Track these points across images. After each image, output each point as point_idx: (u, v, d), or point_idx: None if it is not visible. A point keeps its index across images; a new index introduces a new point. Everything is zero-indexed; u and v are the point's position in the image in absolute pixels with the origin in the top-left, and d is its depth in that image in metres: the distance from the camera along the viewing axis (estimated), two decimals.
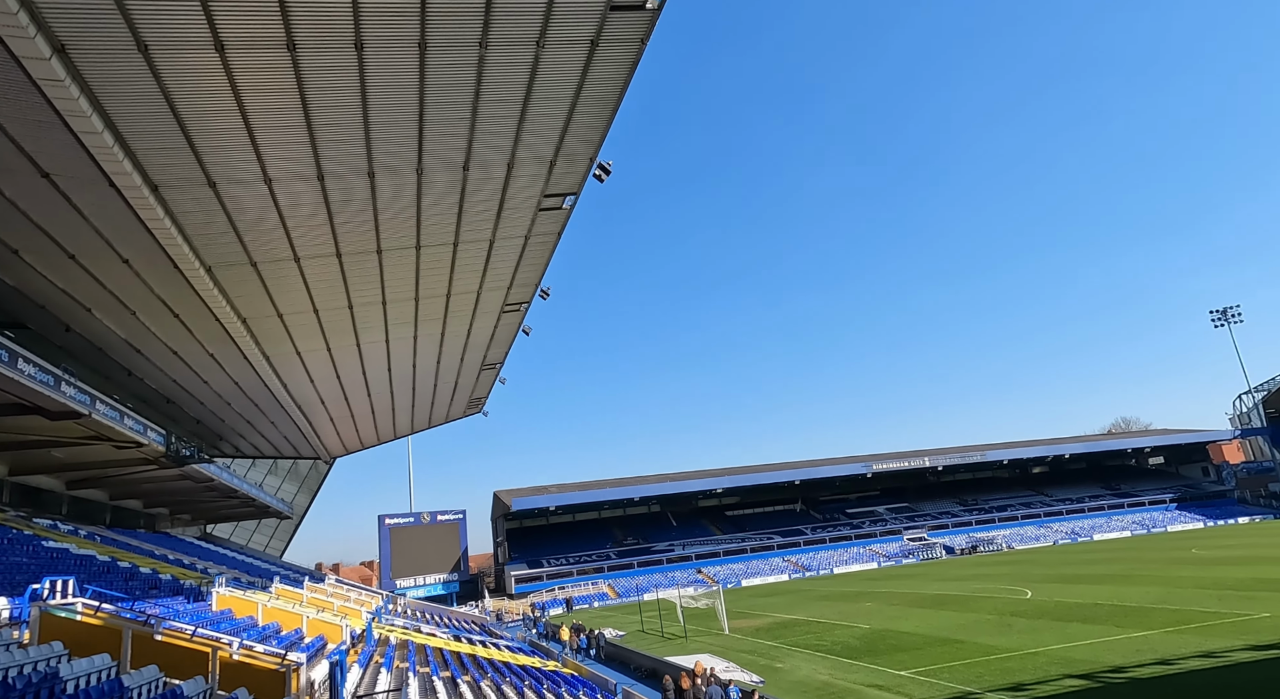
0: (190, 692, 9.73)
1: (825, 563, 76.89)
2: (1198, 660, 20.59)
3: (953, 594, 42.45)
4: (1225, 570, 38.93)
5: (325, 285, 23.59)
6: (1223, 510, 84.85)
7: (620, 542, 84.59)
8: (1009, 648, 25.33)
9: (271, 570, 36.97)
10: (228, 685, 10.75)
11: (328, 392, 35.49)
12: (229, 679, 10.91)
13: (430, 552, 72.99)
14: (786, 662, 27.90)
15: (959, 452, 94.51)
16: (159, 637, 10.79)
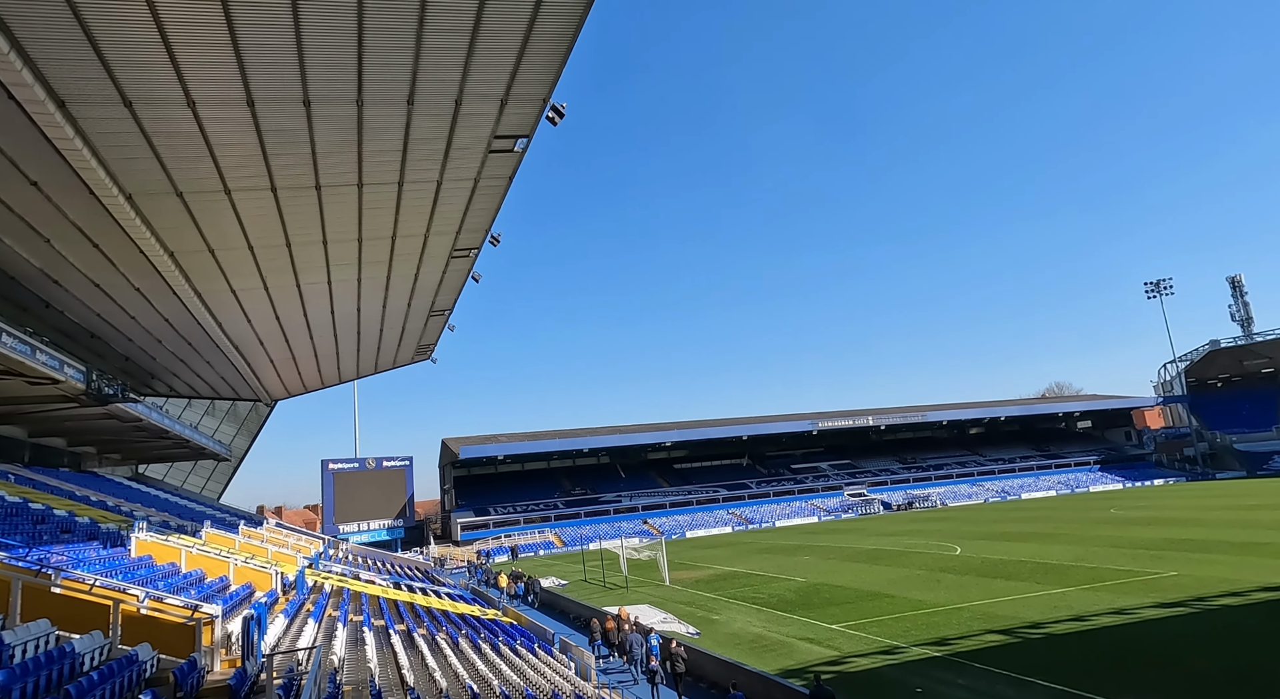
0: (84, 648, 9.20)
1: (768, 516, 78.94)
2: (1109, 617, 21.71)
3: (887, 549, 44.00)
4: (1139, 531, 41.17)
5: (260, 221, 22.32)
6: (1141, 473, 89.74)
7: (568, 492, 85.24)
8: (936, 603, 26.34)
9: (205, 513, 36.00)
10: (130, 640, 10.24)
11: (266, 332, 34.13)
12: (132, 634, 10.39)
13: (375, 497, 72.38)
14: (723, 614, 28.55)
15: (901, 412, 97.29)
16: (57, 589, 10.15)
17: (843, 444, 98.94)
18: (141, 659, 9.60)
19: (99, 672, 8.42)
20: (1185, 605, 22.22)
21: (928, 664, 18.91)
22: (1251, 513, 44.85)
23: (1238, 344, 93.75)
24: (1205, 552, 31.59)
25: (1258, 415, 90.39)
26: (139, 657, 9.56)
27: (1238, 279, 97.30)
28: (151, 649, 10.14)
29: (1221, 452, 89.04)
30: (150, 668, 9.90)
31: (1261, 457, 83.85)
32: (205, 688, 10.00)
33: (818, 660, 20.34)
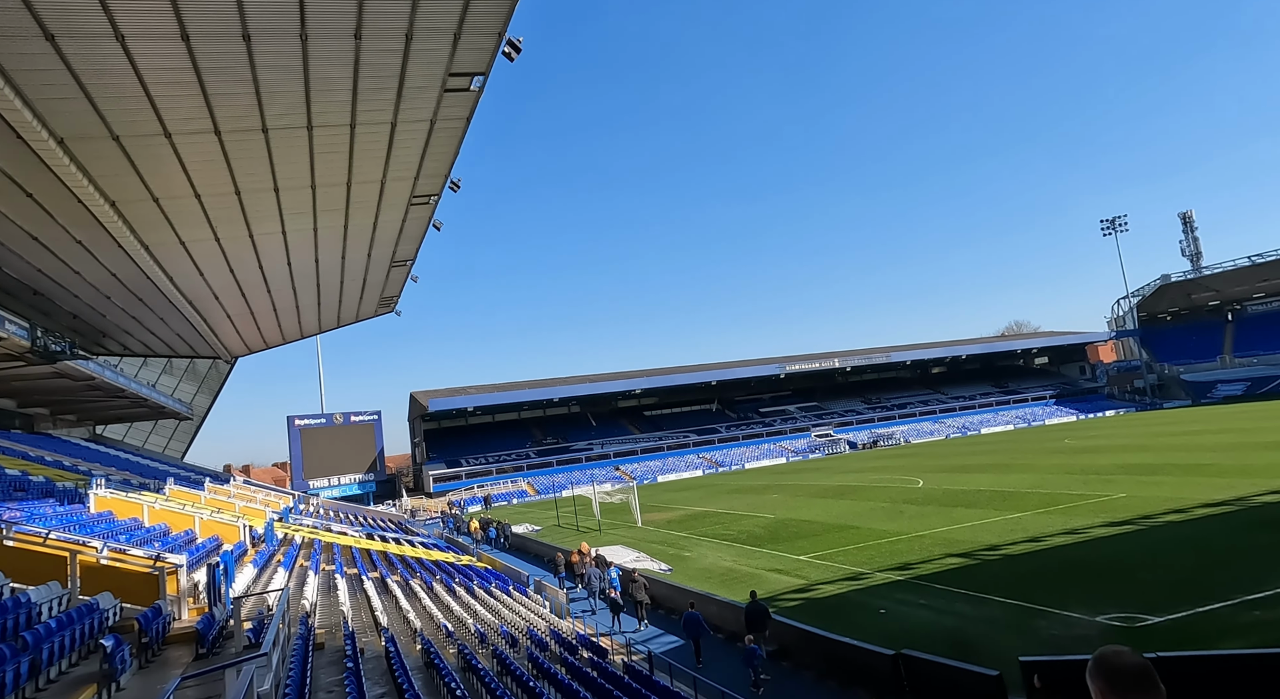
0: (40, 598, 9.03)
1: (738, 459, 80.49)
2: (1062, 537, 22.72)
3: (852, 485, 45.27)
4: (1090, 458, 42.91)
5: (206, 167, 21.35)
6: (1094, 405, 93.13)
7: (540, 441, 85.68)
8: (899, 532, 27.27)
9: (168, 472, 35.42)
10: (91, 591, 10.09)
11: (221, 286, 33.08)
12: (93, 584, 10.22)
13: (344, 452, 71.97)
14: (694, 551, 29.24)
15: (866, 353, 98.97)
16: (9, 542, 9.89)
17: (810, 387, 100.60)
18: (103, 607, 9.48)
19: (57, 620, 8.29)
20: (1132, 524, 23.33)
21: (891, 587, 19.65)
22: (1195, 437, 46.97)
23: (1187, 278, 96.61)
24: (1152, 474, 33.07)
25: (1204, 346, 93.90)
26: (100, 605, 9.43)
27: (1188, 215, 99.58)
28: (114, 598, 10.02)
29: (1169, 382, 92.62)
30: (113, 616, 9.80)
31: (1206, 386, 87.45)
32: (172, 634, 9.95)
33: (786, 589, 21.00)
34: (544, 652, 14.58)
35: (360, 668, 9.91)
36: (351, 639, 11.37)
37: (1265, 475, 28.76)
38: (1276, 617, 13.59)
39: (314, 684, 9.82)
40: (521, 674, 11.29)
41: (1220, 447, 40.44)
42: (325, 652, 11.56)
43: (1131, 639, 13.36)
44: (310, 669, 9.50)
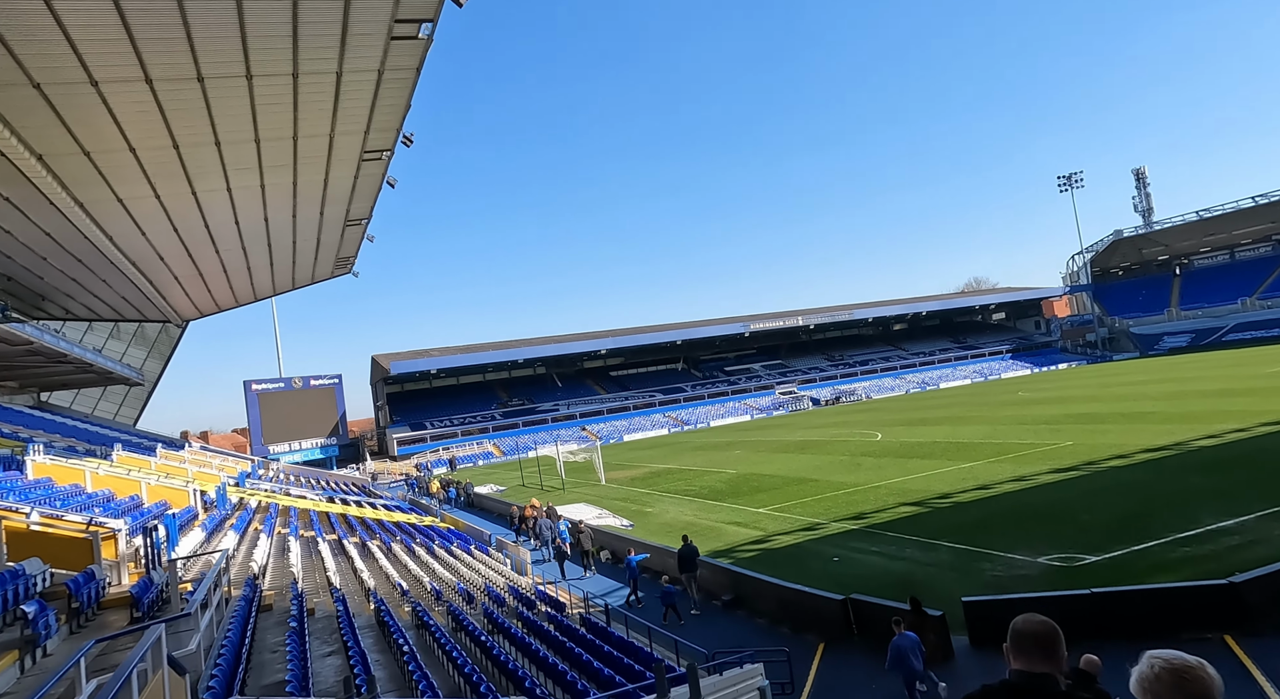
0: None
1: (703, 418, 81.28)
2: (1011, 484, 23.42)
3: (813, 440, 46.06)
4: (1041, 408, 44.22)
5: (139, 119, 20.18)
6: (1047, 359, 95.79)
7: (505, 403, 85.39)
8: (856, 484, 27.85)
9: (116, 438, 34.45)
10: (19, 557, 9.72)
11: (166, 246, 31.77)
12: (21, 550, 9.86)
13: (305, 417, 70.87)
14: (656, 506, 29.55)
15: (829, 311, 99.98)
16: None
17: (774, 345, 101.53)
18: (30, 573, 9.14)
19: None
20: (1077, 470, 24.13)
21: (845, 536, 20.09)
22: (1140, 387, 48.64)
23: (1139, 233, 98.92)
24: (1098, 423, 34.20)
25: (1152, 300, 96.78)
26: (26, 571, 9.09)
27: (1142, 171, 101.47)
28: (42, 564, 9.68)
29: (1119, 335, 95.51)
30: (41, 582, 9.47)
31: (1153, 338, 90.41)
32: (108, 599, 9.68)
33: (744, 541, 21.36)
34: (500, 608, 14.62)
35: (305, 627, 9.79)
36: (299, 599, 11.22)
37: (1204, 421, 29.92)
38: (1204, 552, 14.20)
39: (257, 644, 9.68)
40: (474, 629, 11.28)
41: (1163, 395, 41.94)
42: (273, 613, 11.41)
43: (1070, 578, 13.86)
44: (252, 630, 9.35)
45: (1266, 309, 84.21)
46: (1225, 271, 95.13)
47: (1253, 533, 14.93)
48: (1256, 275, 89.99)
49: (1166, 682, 1.85)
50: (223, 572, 9.90)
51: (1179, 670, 1.86)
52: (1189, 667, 1.87)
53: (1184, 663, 1.88)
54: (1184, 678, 1.84)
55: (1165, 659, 1.91)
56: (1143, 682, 1.90)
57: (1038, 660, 2.19)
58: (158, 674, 4.56)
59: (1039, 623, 2.26)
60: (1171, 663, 1.89)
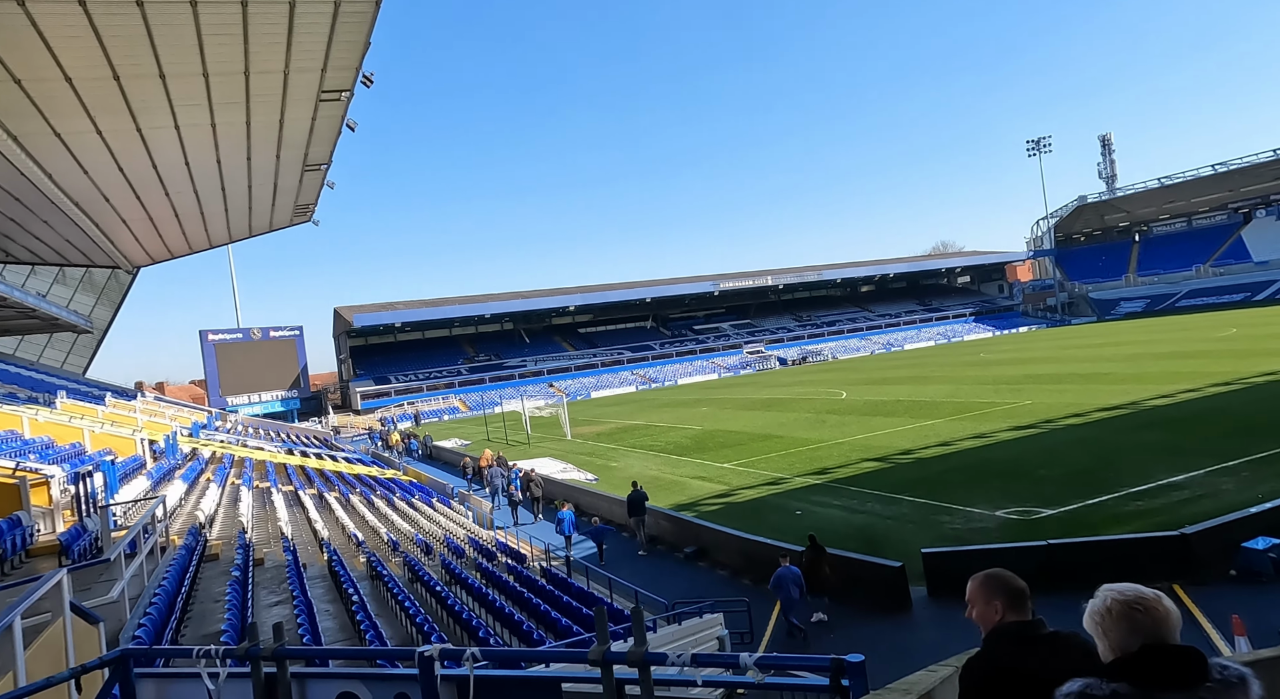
0: None
1: (671, 376, 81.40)
2: (971, 441, 23.75)
3: (779, 398, 46.37)
4: (1002, 369, 45.02)
5: (73, 44, 18.75)
6: (1009, 322, 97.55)
7: (472, 358, 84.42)
8: (820, 440, 28.06)
9: (61, 386, 33.11)
10: None
11: (110, 186, 30.13)
12: None
13: (265, 369, 69.20)
14: (621, 461, 29.50)
15: (798, 271, 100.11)
16: None
17: (743, 305, 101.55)
18: None
19: None
20: (1036, 427, 24.56)
21: (808, 490, 20.22)
22: (1098, 350, 49.77)
23: (1102, 199, 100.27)
24: (1057, 383, 34.88)
25: (1112, 266, 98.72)
26: None
27: (1108, 137, 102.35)
28: None
29: (1078, 300, 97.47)
30: None
31: (1111, 303, 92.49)
32: (35, 547, 9.18)
33: (708, 495, 21.39)
34: (459, 559, 14.39)
35: (251, 576, 9.43)
36: (246, 549, 10.82)
37: (1157, 382, 30.66)
38: (1155, 506, 14.51)
39: (201, 594, 9.30)
40: (430, 580, 11.00)
41: (1119, 357, 42.93)
42: (220, 562, 11.01)
43: (1027, 531, 14.06)
44: (191, 578, 8.95)
45: (1219, 276, 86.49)
46: (1182, 239, 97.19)
47: (1201, 487, 15.30)
48: (1211, 243, 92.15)
49: (1116, 613, 1.76)
50: (159, 519, 9.44)
51: (1130, 602, 1.75)
52: (1142, 597, 1.76)
53: (1137, 594, 1.77)
54: (1134, 609, 1.74)
55: (1118, 591, 1.81)
56: (1093, 614, 1.82)
57: (1025, 611, 2.36)
58: (57, 622, 4.17)
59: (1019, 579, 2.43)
60: (1124, 594, 1.78)
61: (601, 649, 2.34)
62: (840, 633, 11.72)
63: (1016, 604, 2.36)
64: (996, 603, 2.36)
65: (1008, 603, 2.35)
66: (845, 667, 2.08)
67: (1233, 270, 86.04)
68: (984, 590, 2.39)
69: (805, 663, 2.18)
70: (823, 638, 11.65)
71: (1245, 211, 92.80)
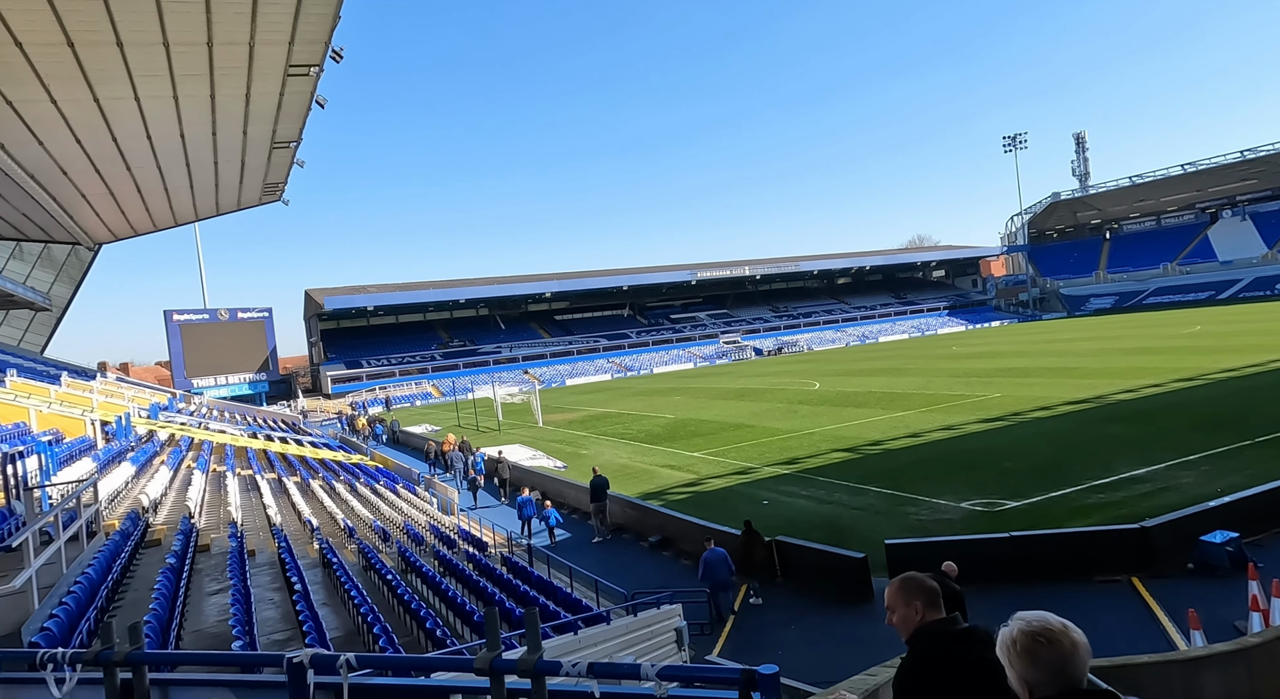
0: None
1: (647, 364, 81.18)
2: (940, 432, 23.82)
3: (753, 388, 46.37)
4: (973, 363, 45.40)
5: (22, 5, 17.86)
6: (982, 316, 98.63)
7: (446, 344, 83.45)
8: (791, 430, 28.01)
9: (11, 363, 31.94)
10: None
11: (68, 159, 28.97)
12: None
13: (232, 350, 67.70)
14: (592, 449, 29.23)
15: (775, 262, 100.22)
16: None
17: (721, 295, 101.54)
18: None
19: None
20: (1003, 420, 24.71)
21: (777, 480, 20.12)
22: (1067, 344, 50.41)
23: (1075, 197, 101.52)
24: (1026, 377, 35.21)
25: (1083, 263, 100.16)
26: None
27: (1082, 135, 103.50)
28: None
29: (1050, 296, 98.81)
30: None
31: (1081, 299, 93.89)
32: None
33: (677, 484, 21.21)
34: (418, 547, 14.04)
35: (191, 563, 9.03)
36: (187, 534, 10.39)
37: (1123, 376, 31.04)
38: (1117, 499, 14.58)
39: (134, 582, 8.87)
40: (383, 569, 10.65)
41: (1087, 352, 43.49)
42: (162, 548, 10.56)
43: (991, 522, 14.05)
44: (123, 566, 8.53)
45: (1185, 274, 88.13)
46: (1151, 237, 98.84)
47: (1163, 481, 15.41)
48: (1179, 242, 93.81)
49: (1020, 646, 1.72)
50: (88, 503, 8.97)
51: (1034, 633, 1.72)
52: (1047, 629, 1.72)
53: (1044, 625, 1.73)
54: (1037, 641, 1.70)
55: (1025, 620, 1.77)
56: (1001, 643, 1.79)
57: (940, 609, 2.46)
58: None
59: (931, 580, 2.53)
60: (1030, 625, 1.74)
61: (489, 656, 2.07)
62: (801, 624, 11.61)
63: (934, 603, 2.45)
64: (916, 604, 2.45)
65: (926, 603, 2.44)
66: (757, 679, 1.81)
67: (1198, 269, 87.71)
68: (903, 593, 2.49)
69: (713, 674, 1.91)
70: (783, 629, 11.53)
71: (1212, 212, 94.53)
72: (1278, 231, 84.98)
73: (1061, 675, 1.66)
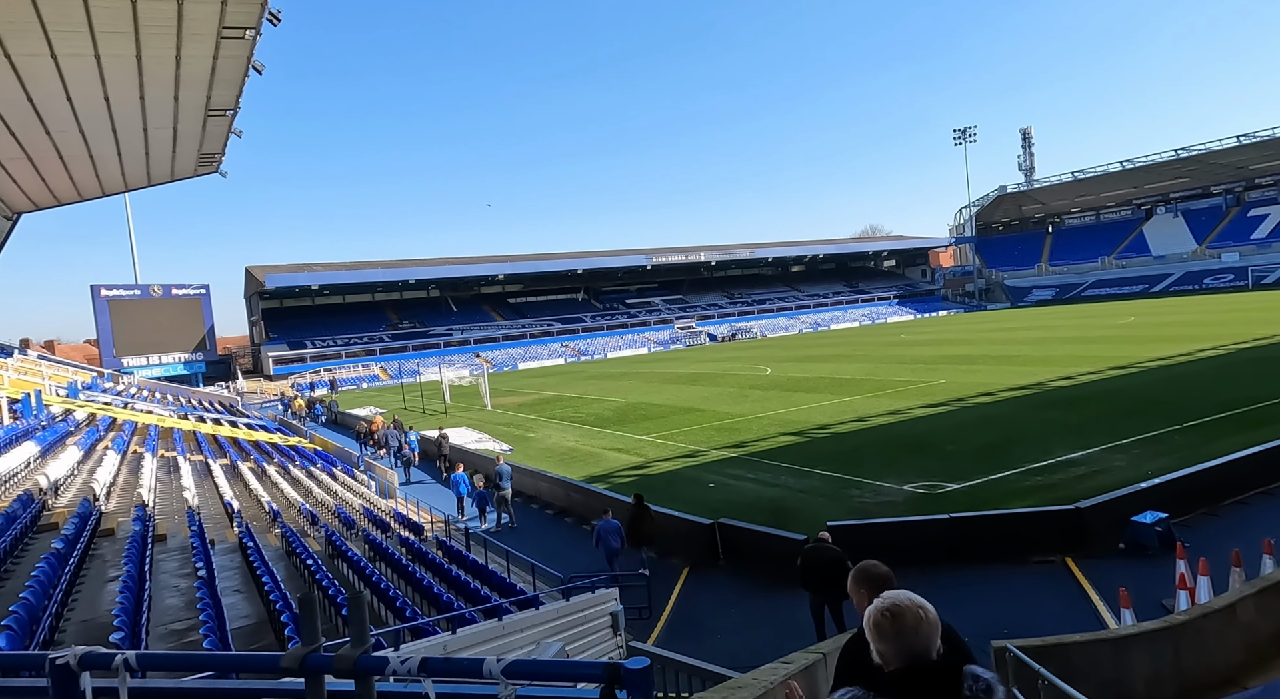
0: None
1: (601, 349, 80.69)
2: (887, 417, 24.04)
3: (705, 373, 46.37)
4: (920, 350, 46.23)
5: None
6: (930, 306, 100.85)
7: (395, 325, 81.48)
8: (741, 413, 27.98)
9: None
10: None
11: None
12: None
13: (166, 329, 64.72)
14: (539, 432, 28.74)
15: (732, 249, 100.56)
16: None
17: (676, 281, 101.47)
18: None
19: None
20: (948, 405, 25.07)
21: (724, 463, 19.99)
22: (1010, 334, 51.75)
23: (1020, 190, 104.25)
24: (970, 364, 35.92)
25: (1026, 255, 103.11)
26: None
27: (1028, 131, 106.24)
28: None
29: (995, 287, 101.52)
30: None
31: (1023, 291, 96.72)
32: None
33: (623, 467, 20.93)
34: (348, 530, 13.43)
35: (86, 548, 8.33)
36: (85, 518, 9.63)
37: (1061, 364, 31.89)
38: (1053, 481, 14.81)
39: (18, 567, 8.14)
40: (304, 553, 10.07)
41: (1028, 341, 44.69)
42: (58, 532, 9.76)
43: (932, 504, 14.10)
44: (4, 549, 7.80)
45: (1121, 268, 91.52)
46: (1091, 232, 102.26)
47: (1097, 463, 15.72)
48: (1116, 237, 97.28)
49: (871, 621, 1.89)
50: None
51: (882, 609, 1.89)
52: (895, 606, 1.88)
53: (892, 602, 1.90)
54: (883, 616, 1.88)
55: (882, 597, 1.93)
56: (865, 621, 1.95)
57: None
58: None
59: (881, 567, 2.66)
60: (883, 601, 1.91)
61: (300, 653, 1.66)
62: (742, 607, 11.45)
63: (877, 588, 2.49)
64: (863, 591, 2.59)
65: (870, 589, 2.52)
66: (622, 675, 1.45)
67: (1134, 263, 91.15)
68: (854, 583, 2.65)
69: (571, 670, 1.53)
70: (725, 612, 11.35)
71: (1148, 208, 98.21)
72: (1207, 228, 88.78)
73: (907, 649, 1.80)
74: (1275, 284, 73.59)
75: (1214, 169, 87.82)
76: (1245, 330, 37.42)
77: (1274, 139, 78.24)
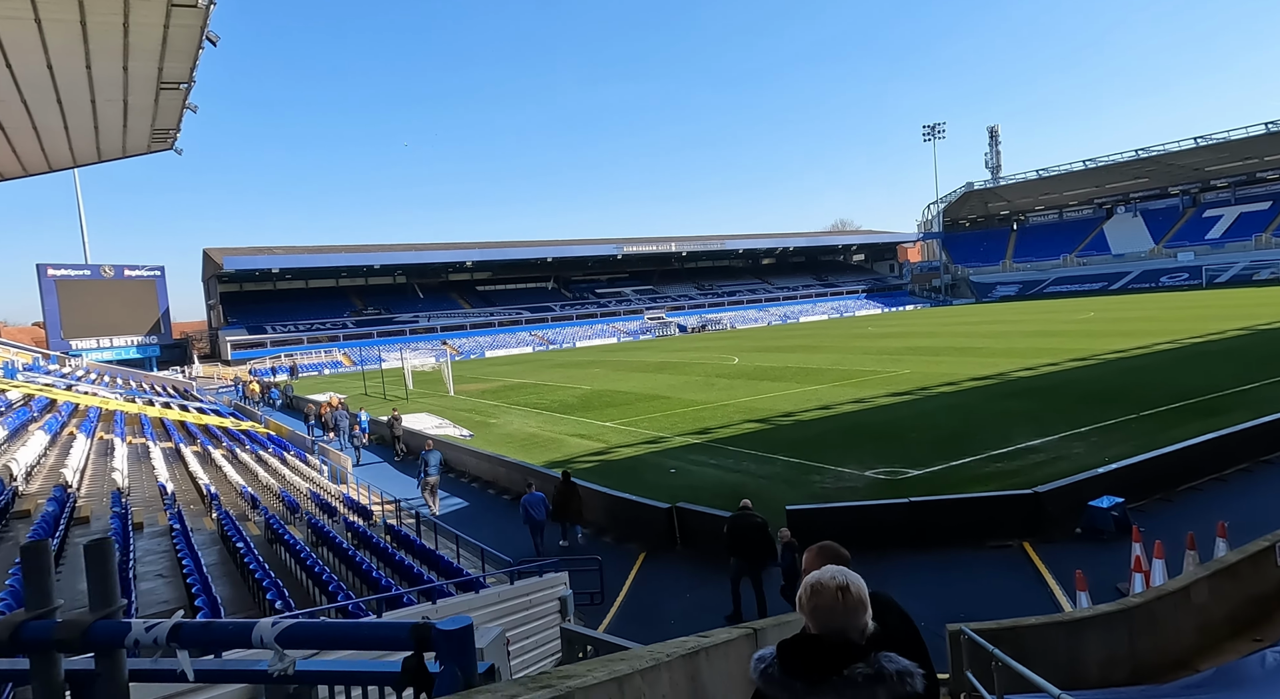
0: None
1: (570, 338, 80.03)
2: (851, 405, 24.00)
3: (673, 362, 46.13)
4: (886, 341, 46.55)
5: None
6: (897, 300, 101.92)
7: (360, 311, 79.86)
8: (706, 401, 27.77)
9: None
10: None
11: None
12: None
13: (118, 311, 62.51)
14: (501, 418, 28.23)
15: (702, 240, 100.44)
16: None
17: (647, 271, 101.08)
18: None
19: None
20: (911, 394, 25.13)
21: (687, 449, 19.73)
22: (974, 327, 52.40)
23: (987, 187, 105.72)
24: (935, 355, 36.19)
25: (992, 251, 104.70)
26: None
27: (995, 129, 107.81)
28: None
29: (960, 282, 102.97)
30: None
31: (988, 286, 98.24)
32: None
33: (585, 452, 20.57)
34: (291, 515, 12.87)
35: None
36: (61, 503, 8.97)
37: (1023, 356, 32.26)
38: (1012, 467, 14.82)
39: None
40: (236, 537, 9.53)
41: (991, 334, 45.26)
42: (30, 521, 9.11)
43: (893, 490, 13.98)
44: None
45: (1082, 266, 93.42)
46: (1053, 229, 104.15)
47: (1055, 451, 15.78)
48: (1078, 235, 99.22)
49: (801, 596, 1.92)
50: None
51: (808, 585, 1.91)
52: (818, 582, 1.89)
53: (817, 579, 1.91)
54: (808, 590, 1.90)
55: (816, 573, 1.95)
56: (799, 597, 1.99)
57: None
58: None
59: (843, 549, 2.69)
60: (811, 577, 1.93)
61: (12, 621, 1.26)
62: (698, 593, 11.19)
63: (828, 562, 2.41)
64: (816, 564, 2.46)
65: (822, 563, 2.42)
66: (432, 637, 1.06)
67: (1094, 261, 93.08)
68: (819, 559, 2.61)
69: (368, 632, 1.13)
70: (680, 597, 11.08)
71: (1108, 208, 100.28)
72: (1164, 228, 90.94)
73: (821, 625, 1.81)
74: (1228, 283, 75.69)
75: (1172, 170, 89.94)
76: (1199, 326, 38.30)
77: (1229, 141, 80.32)
